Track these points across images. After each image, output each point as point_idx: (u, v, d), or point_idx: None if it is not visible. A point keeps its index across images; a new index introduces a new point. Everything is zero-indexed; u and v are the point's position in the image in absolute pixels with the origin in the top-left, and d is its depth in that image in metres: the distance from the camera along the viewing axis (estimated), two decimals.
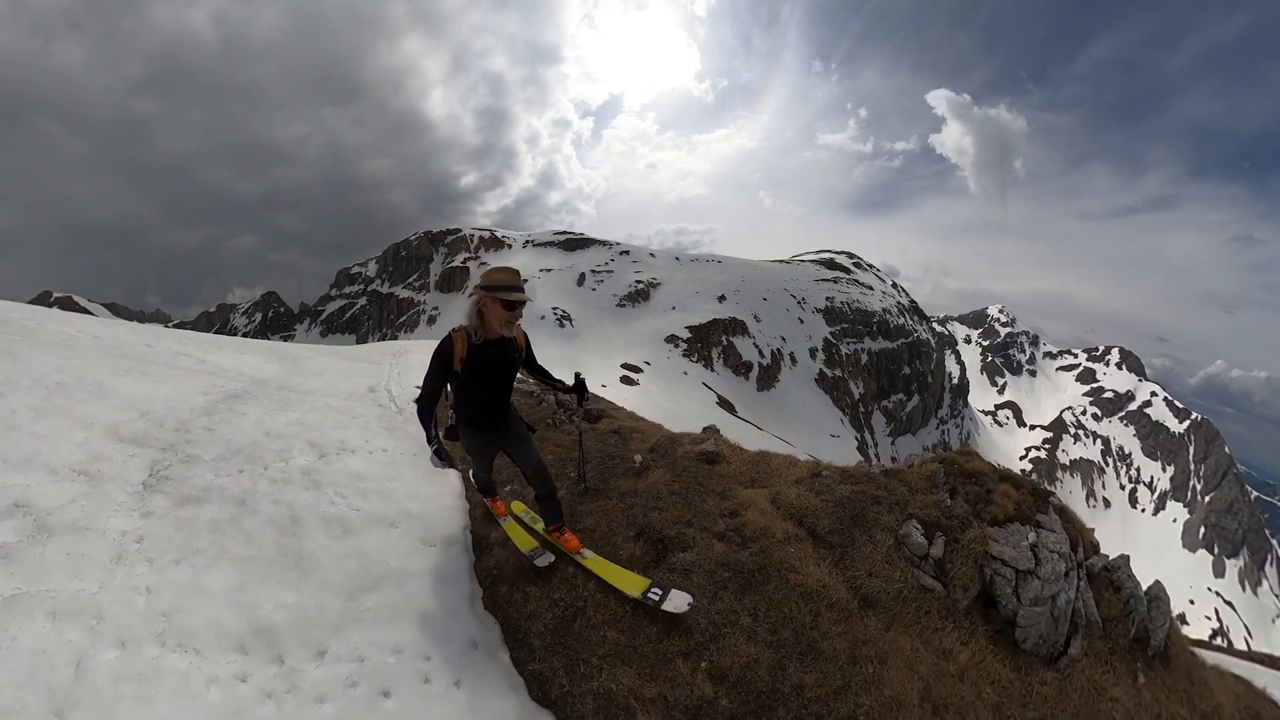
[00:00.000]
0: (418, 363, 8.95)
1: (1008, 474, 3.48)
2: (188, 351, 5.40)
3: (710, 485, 3.83)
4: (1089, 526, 3.48)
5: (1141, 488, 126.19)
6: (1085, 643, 2.91)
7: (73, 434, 2.99)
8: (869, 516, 3.23)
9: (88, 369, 3.91)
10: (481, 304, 2.98)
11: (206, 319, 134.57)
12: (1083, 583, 3.09)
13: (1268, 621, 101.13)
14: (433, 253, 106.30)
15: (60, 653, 1.78)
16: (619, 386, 34.07)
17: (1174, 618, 3.09)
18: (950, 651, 2.67)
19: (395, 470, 3.79)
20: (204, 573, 2.29)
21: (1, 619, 1.79)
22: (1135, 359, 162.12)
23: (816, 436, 54.88)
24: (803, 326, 71.37)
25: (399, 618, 2.39)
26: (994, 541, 2.98)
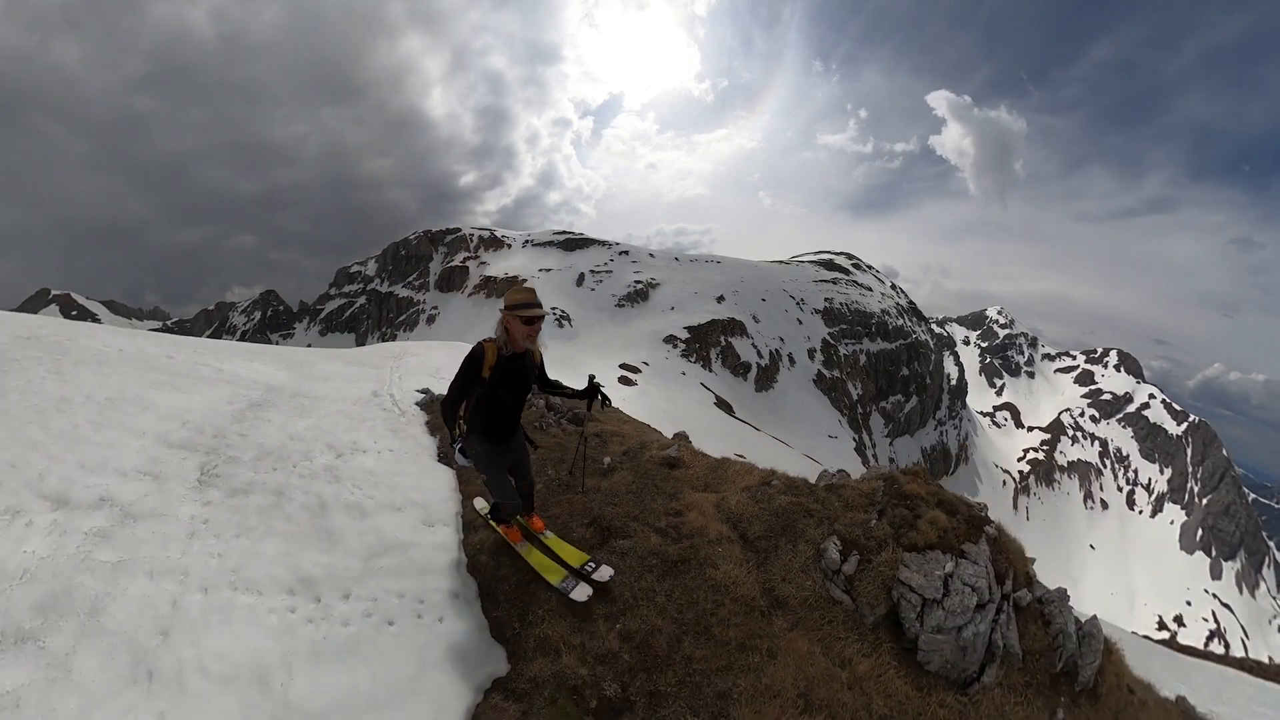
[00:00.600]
0: (416, 365, 9.11)
1: (946, 499, 3.38)
2: (205, 361, 5.96)
3: (665, 487, 4.34)
4: (1029, 556, 3.41)
5: (1139, 489, 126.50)
6: (1002, 673, 2.97)
7: (131, 442, 3.60)
8: (798, 528, 3.49)
9: (126, 384, 4.50)
10: (506, 323, 3.30)
11: (206, 317, 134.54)
12: (1004, 615, 3.10)
13: (1264, 623, 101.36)
14: (432, 252, 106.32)
15: (160, 596, 2.52)
16: (617, 387, 34.12)
17: (1116, 654, 3.07)
18: (849, 661, 2.88)
19: (401, 468, 4.39)
20: (258, 543, 3.06)
21: (114, 576, 2.53)
22: (1134, 361, 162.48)
23: (815, 437, 54.95)
24: (801, 327, 71.46)
25: (403, 574, 3.17)
26: (905, 567, 3.10)
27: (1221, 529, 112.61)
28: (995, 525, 3.43)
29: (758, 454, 25.54)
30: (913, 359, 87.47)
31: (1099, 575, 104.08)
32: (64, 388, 4.03)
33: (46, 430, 3.40)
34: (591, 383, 3.84)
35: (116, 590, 2.45)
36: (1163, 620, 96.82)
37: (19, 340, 4.62)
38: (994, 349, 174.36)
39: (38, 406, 3.66)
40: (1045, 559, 27.09)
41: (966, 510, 3.37)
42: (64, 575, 2.43)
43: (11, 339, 4.57)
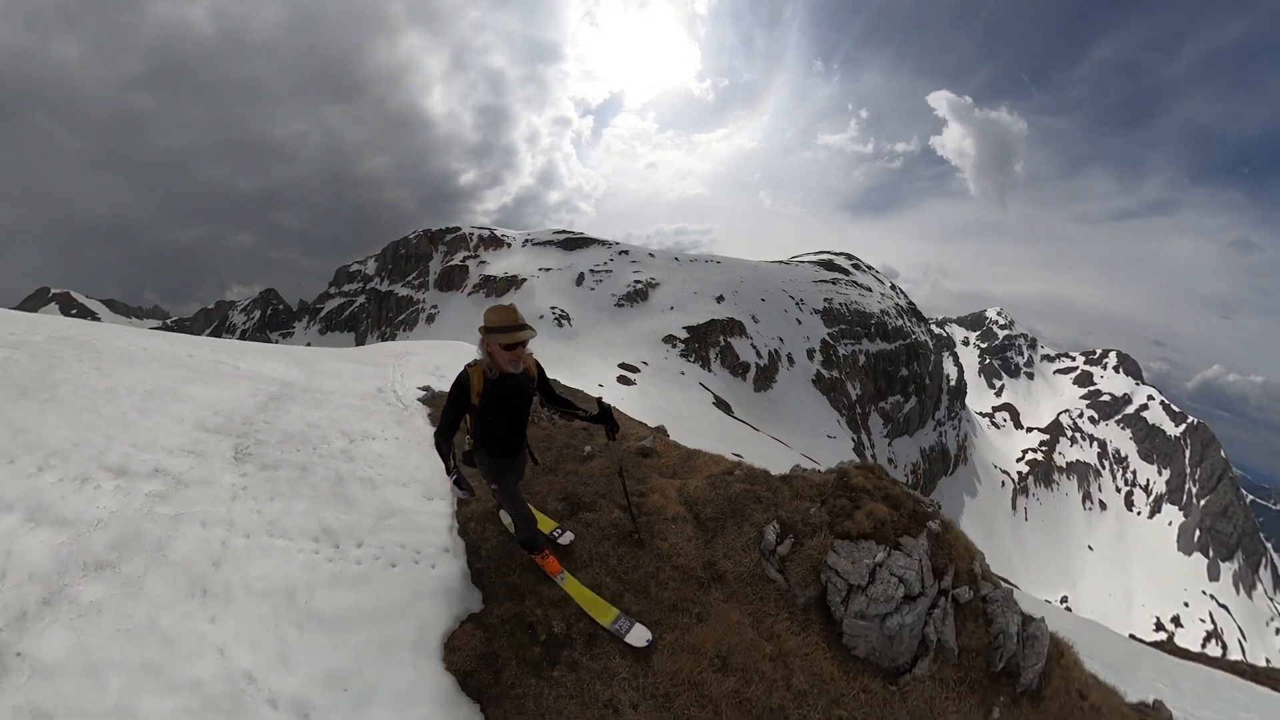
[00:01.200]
0: (418, 364, 9.48)
1: (893, 494, 3.49)
2: (221, 359, 6.44)
3: (635, 473, 4.72)
4: (976, 553, 3.45)
5: (1138, 491, 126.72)
6: (935, 667, 3.02)
7: (173, 427, 4.19)
8: (746, 511, 3.81)
9: (160, 379, 5.04)
10: (487, 346, 3.13)
11: (205, 316, 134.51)
12: (940, 610, 3.13)
13: (1261, 625, 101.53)
14: (432, 251, 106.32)
15: (211, 539, 3.12)
16: (616, 386, 34.21)
17: (1068, 658, 3.02)
18: (777, 635, 3.08)
19: (405, 452, 4.98)
20: (289, 504, 3.67)
21: (173, 524, 3.14)
22: (1133, 362, 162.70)
23: (813, 437, 55.05)
24: (801, 327, 71.57)
25: (405, 531, 3.77)
26: (834, 553, 3.24)
27: (1219, 530, 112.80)
28: (941, 522, 3.44)
29: (755, 454, 25.63)
30: (912, 359, 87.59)
31: (1097, 576, 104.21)
32: (106, 381, 4.56)
33: (99, 416, 3.96)
34: (603, 406, 3.66)
35: (176, 534, 3.06)
36: (1160, 621, 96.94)
37: (54, 340, 5.06)
38: (993, 350, 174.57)
39: (88, 396, 4.20)
40: (1043, 560, 27.38)
41: (912, 505, 3.43)
42: (132, 523, 3.02)
43: (47, 339, 5.02)
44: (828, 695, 2.87)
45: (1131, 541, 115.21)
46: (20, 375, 4.15)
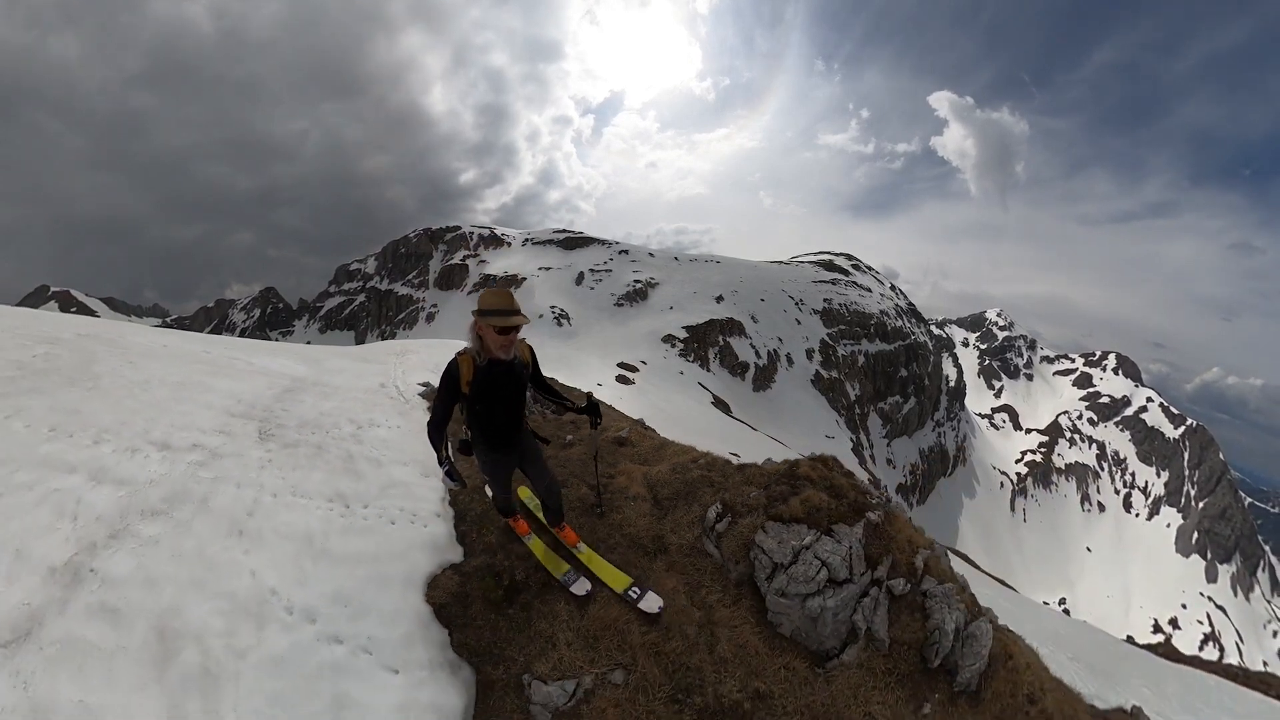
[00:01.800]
0: (418, 362, 9.84)
1: (837, 485, 3.58)
2: (236, 356, 6.96)
3: (609, 458, 5.15)
4: (926, 547, 3.45)
5: (1136, 492, 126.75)
6: (865, 655, 3.06)
7: (203, 412, 4.77)
8: (698, 494, 4.15)
9: (185, 373, 5.59)
10: (479, 329, 3.07)
11: (205, 314, 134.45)
12: (870, 599, 3.17)
13: (1259, 627, 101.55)
14: (432, 250, 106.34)
15: (246, 496, 3.73)
16: (614, 385, 34.26)
17: (1018, 660, 3.00)
18: (709, 605, 3.30)
19: (406, 439, 5.57)
20: (308, 473, 4.28)
21: (213, 485, 3.73)
22: (1132, 364, 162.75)
23: (811, 438, 55.12)
24: (800, 328, 71.64)
25: (404, 499, 4.31)
26: (763, 532, 3.39)
27: (1217, 532, 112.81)
28: (885, 514, 3.47)
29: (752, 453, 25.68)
30: (911, 360, 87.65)
31: (1095, 577, 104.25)
32: (139, 374, 5.14)
33: (138, 402, 4.55)
34: (590, 399, 3.69)
35: (216, 492, 3.68)
36: (1158, 623, 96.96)
37: (82, 336, 5.60)
38: (993, 351, 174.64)
39: (126, 386, 4.77)
40: (1042, 561, 27.46)
41: (855, 497, 3.51)
42: (179, 483, 3.64)
43: (75, 335, 5.53)
44: (748, 666, 3.01)
45: (1130, 543, 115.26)
46: (64, 367, 4.65)
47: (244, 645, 2.55)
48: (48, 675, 2.10)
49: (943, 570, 3.40)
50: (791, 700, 2.88)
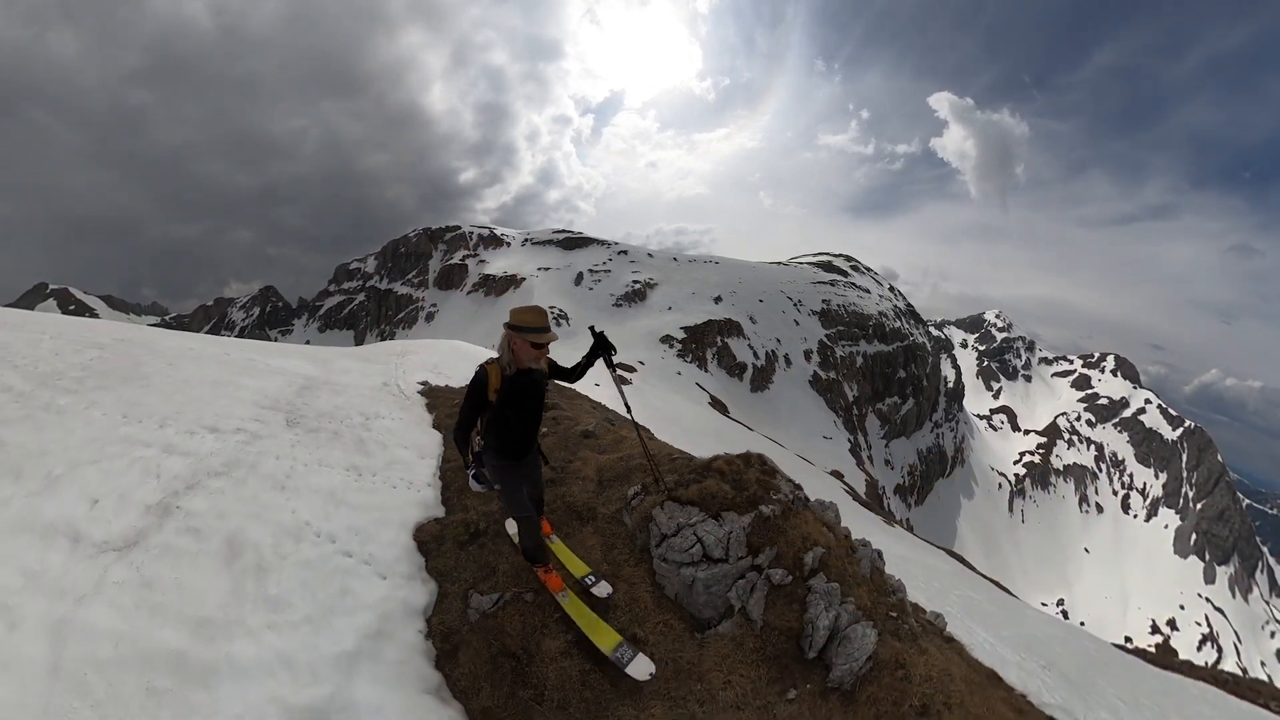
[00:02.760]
0: (417, 363, 10.41)
1: (744, 480, 3.91)
2: (254, 358, 7.72)
3: (573, 447, 5.74)
4: (824, 545, 3.64)
5: (1134, 494, 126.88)
6: (739, 632, 3.30)
7: (239, 405, 5.63)
8: (632, 477, 4.75)
9: (217, 373, 6.40)
10: (512, 343, 3.26)
11: (204, 313, 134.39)
12: (747, 581, 3.46)
13: (1257, 628, 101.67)
14: (432, 250, 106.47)
15: (283, 465, 4.66)
16: (612, 386, 34.31)
17: (909, 670, 3.06)
18: (618, 563, 3.96)
19: (408, 428, 6.39)
20: (329, 451, 5.25)
21: (258, 456, 4.64)
22: (1130, 366, 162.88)
23: (809, 438, 55.24)
24: (798, 329, 71.76)
25: (405, 472, 5.23)
26: (659, 509, 3.95)
27: (1215, 534, 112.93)
28: (780, 509, 3.73)
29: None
30: (909, 361, 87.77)
31: (1093, 579, 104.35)
32: (180, 374, 5.99)
33: (186, 396, 5.40)
34: (594, 333, 3.78)
35: (261, 461, 4.62)
36: (1156, 624, 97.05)
37: (119, 341, 6.40)
38: (992, 352, 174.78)
39: (172, 383, 5.62)
40: (1040, 562, 27.47)
41: (755, 491, 3.84)
42: (232, 455, 4.56)
43: (113, 340, 6.31)
44: (633, 614, 3.55)
45: (1128, 544, 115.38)
46: (117, 368, 5.53)
47: (285, 552, 3.62)
48: (152, 565, 3.16)
49: (846, 571, 3.55)
50: (663, 650, 3.31)
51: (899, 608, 3.66)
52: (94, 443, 4.09)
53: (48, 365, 5.11)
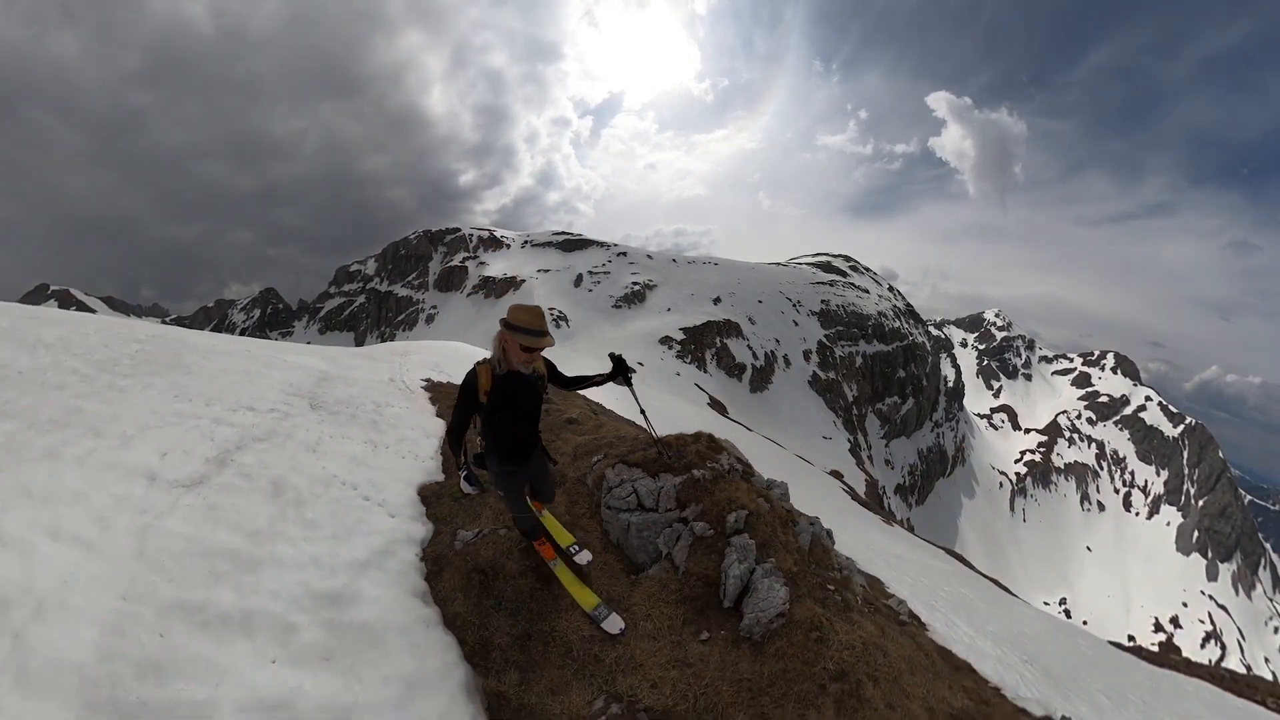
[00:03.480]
0: (420, 361, 11.13)
1: (686, 450, 4.50)
2: (273, 355, 8.55)
3: (558, 431, 6.44)
4: (750, 510, 3.96)
5: (1136, 491, 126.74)
6: (665, 575, 3.79)
7: (269, 391, 6.44)
8: (599, 451, 5.37)
9: (245, 365, 7.20)
10: (504, 341, 3.15)
11: (205, 314, 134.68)
12: (674, 531, 3.97)
13: (1260, 625, 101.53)
14: (431, 252, 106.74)
15: (312, 434, 5.56)
16: (610, 387, 34.37)
17: (825, 632, 3.23)
18: (577, 515, 4.62)
19: (414, 415, 7.23)
20: (348, 428, 6.10)
21: (291, 429, 5.54)
22: (1130, 364, 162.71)
23: (808, 438, 55.29)
24: (797, 329, 71.85)
25: (412, 446, 6.08)
26: (610, 469, 4.59)
27: (1217, 531, 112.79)
28: (708, 475, 4.19)
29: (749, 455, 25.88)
30: (909, 361, 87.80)
31: (1095, 577, 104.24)
32: (215, 365, 6.73)
33: (223, 383, 6.18)
34: (615, 359, 3.71)
35: (294, 432, 5.49)
36: (1159, 622, 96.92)
37: (153, 337, 7.17)
38: (991, 351, 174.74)
39: (209, 373, 6.38)
40: (1042, 561, 27.42)
41: (694, 459, 4.36)
42: (269, 427, 5.42)
43: (149, 337, 7.11)
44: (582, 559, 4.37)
45: (1130, 542, 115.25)
46: (159, 358, 6.30)
47: (318, 492, 4.51)
48: (214, 496, 4.02)
49: (774, 536, 3.86)
50: (600, 585, 3.85)
51: (841, 583, 3.87)
52: (156, 414, 4.89)
53: (103, 354, 5.85)
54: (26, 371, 4.90)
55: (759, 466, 6.84)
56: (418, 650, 3.20)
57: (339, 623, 3.20)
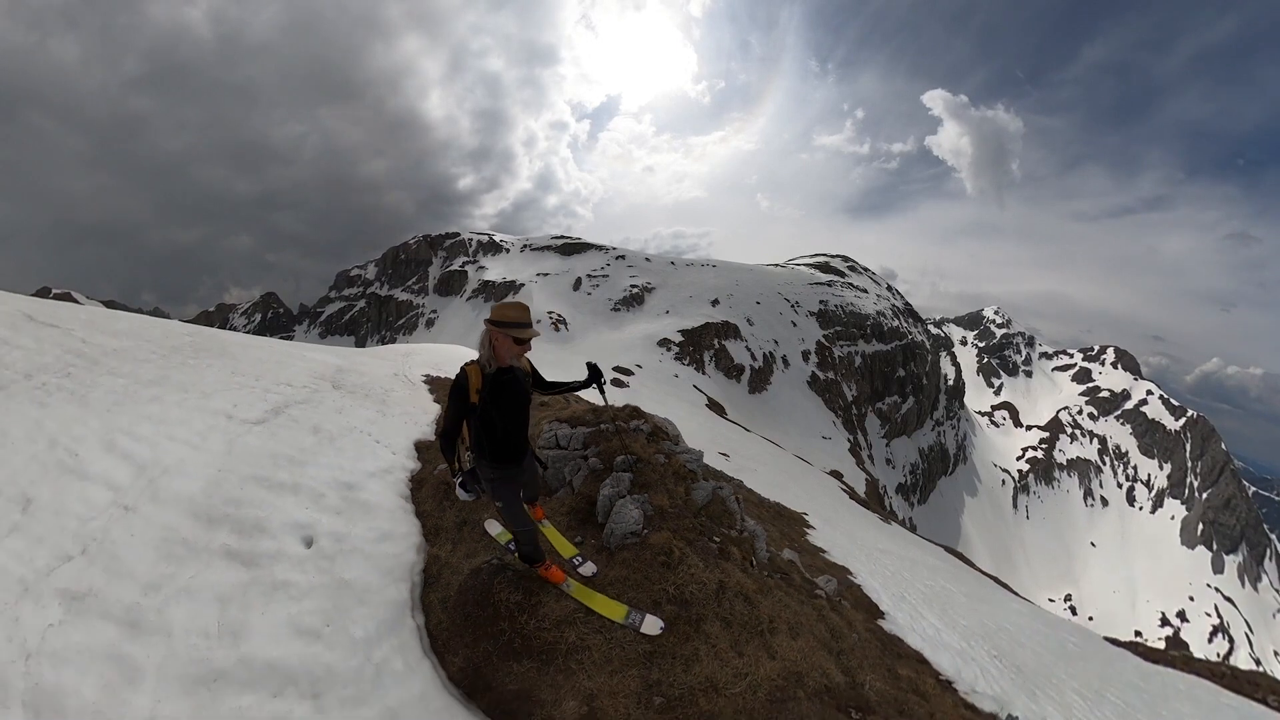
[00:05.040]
0: (421, 360, 12.31)
1: (611, 415, 5.44)
2: (291, 352, 9.78)
3: (535, 412, 7.47)
4: (641, 458, 4.88)
5: (1139, 486, 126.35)
6: (566, 496, 4.91)
7: (299, 375, 7.63)
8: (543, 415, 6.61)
9: (276, 356, 8.44)
10: (493, 338, 3.20)
11: (206, 319, 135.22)
12: (572, 464, 5.09)
13: (1268, 617, 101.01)
14: (431, 256, 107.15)
15: (337, 404, 7.00)
16: (609, 389, 34.57)
17: (691, 569, 3.75)
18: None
19: (416, 398, 8.59)
20: (363, 402, 7.49)
21: (320, 399, 6.95)
22: (1131, 358, 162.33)
23: (807, 438, 55.34)
24: (796, 330, 71.95)
25: (414, 418, 7.51)
26: (547, 424, 5.69)
27: (1222, 523, 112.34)
28: (611, 429, 5.20)
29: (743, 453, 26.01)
30: (909, 360, 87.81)
31: (1100, 572, 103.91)
32: (252, 355, 7.94)
33: (263, 367, 7.40)
34: (590, 367, 3.83)
35: (325, 401, 6.87)
36: (1166, 617, 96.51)
37: (194, 333, 8.33)
38: (991, 349, 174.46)
39: (251, 360, 7.56)
40: (1046, 558, 27.53)
41: (609, 422, 5.34)
42: (304, 395, 6.76)
43: (189, 333, 8.24)
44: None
45: (1134, 537, 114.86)
46: (208, 348, 7.46)
47: (344, 433, 5.96)
48: (274, 430, 5.45)
49: (659, 482, 4.58)
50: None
51: (732, 539, 4.36)
52: (221, 382, 6.26)
53: (168, 343, 7.09)
54: (117, 350, 6.17)
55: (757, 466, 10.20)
56: (394, 519, 4.65)
57: (351, 498, 4.73)
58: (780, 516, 10.53)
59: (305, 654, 2.99)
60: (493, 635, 3.31)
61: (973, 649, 5.95)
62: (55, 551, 3.04)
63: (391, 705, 2.91)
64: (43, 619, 2.62)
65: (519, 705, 2.99)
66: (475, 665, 3.21)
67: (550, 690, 3.01)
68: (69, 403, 4.58)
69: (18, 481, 3.45)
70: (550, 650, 3.19)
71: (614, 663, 3.12)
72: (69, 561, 3.00)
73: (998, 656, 6.18)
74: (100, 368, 5.51)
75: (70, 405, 4.55)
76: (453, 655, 3.30)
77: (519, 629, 3.30)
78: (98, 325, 6.81)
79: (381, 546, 4.19)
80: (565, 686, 3.01)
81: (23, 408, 4.28)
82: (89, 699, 2.38)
